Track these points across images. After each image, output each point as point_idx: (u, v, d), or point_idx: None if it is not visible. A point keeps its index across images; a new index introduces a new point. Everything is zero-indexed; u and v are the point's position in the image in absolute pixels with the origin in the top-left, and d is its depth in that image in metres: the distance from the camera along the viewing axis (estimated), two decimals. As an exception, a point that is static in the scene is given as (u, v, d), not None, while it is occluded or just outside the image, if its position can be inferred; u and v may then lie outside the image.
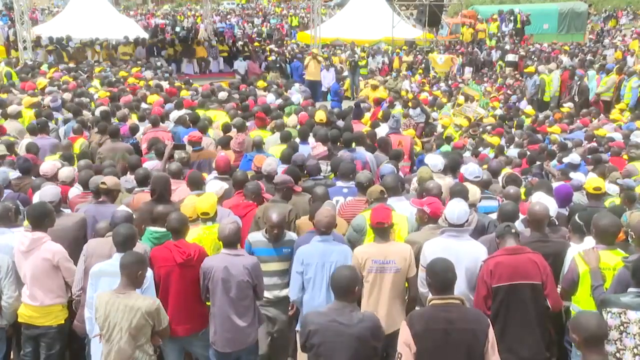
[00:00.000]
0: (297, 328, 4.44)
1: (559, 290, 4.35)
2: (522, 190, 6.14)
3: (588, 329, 3.20)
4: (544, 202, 4.92)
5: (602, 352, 3.27)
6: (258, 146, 7.56)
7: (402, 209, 5.40)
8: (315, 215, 4.73)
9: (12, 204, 5.15)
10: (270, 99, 11.71)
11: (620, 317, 3.66)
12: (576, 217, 4.77)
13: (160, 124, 9.10)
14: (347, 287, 3.71)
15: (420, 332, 3.45)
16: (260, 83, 14.66)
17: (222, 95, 11.89)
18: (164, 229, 4.81)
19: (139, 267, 3.98)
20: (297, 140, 8.05)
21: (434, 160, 6.85)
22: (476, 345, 3.45)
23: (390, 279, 4.46)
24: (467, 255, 4.41)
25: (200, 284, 4.54)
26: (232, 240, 4.53)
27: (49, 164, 6.57)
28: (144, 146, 8.38)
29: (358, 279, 3.85)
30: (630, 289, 3.75)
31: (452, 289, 3.57)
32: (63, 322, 4.81)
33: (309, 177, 6.52)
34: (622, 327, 3.65)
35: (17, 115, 9.37)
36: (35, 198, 5.54)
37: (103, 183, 5.58)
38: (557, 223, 5.04)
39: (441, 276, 3.55)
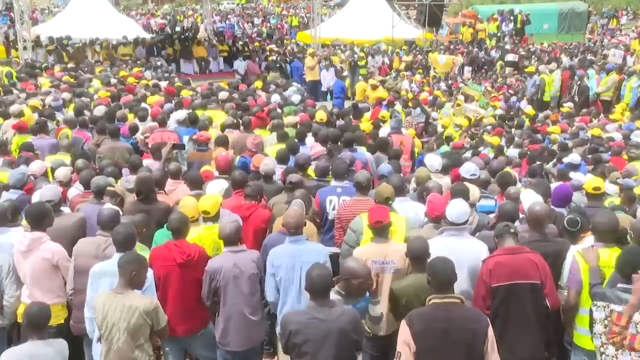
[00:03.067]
0: (277, 329, 4.40)
1: (563, 293, 4.35)
2: (523, 189, 6.15)
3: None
4: (531, 199, 4.93)
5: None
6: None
7: (407, 210, 5.40)
8: (284, 216, 4.71)
9: (10, 204, 5.16)
10: (275, 99, 11.73)
11: (604, 310, 3.70)
12: (565, 223, 4.77)
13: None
14: (322, 287, 3.73)
15: (420, 331, 3.45)
16: (258, 83, 14.66)
17: (223, 95, 11.89)
18: None
19: (133, 267, 3.97)
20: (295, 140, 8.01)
21: (432, 160, 6.86)
22: (476, 345, 3.45)
23: (390, 278, 4.46)
24: (469, 253, 4.42)
25: (202, 286, 4.51)
26: (233, 239, 4.55)
27: (38, 163, 6.61)
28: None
29: (330, 276, 3.84)
30: (619, 285, 3.78)
31: (452, 288, 3.57)
32: (62, 322, 4.80)
33: (315, 175, 6.50)
34: (606, 321, 3.68)
35: (19, 115, 9.38)
36: (35, 197, 5.55)
37: (111, 186, 5.61)
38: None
39: (441, 275, 3.55)
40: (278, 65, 20.46)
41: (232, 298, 4.46)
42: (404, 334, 3.49)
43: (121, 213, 5.19)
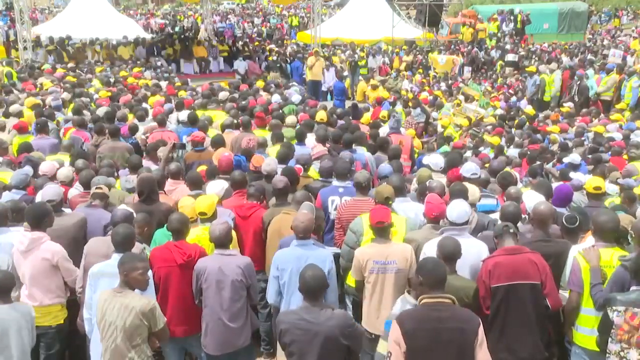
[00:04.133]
0: None
1: (564, 294, 4.34)
2: (525, 189, 6.16)
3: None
4: (534, 199, 4.93)
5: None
6: (261, 146, 7.58)
7: (406, 210, 5.39)
8: (293, 220, 4.65)
9: (12, 204, 5.15)
10: (276, 99, 11.73)
11: (624, 315, 3.65)
12: (563, 220, 4.77)
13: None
14: (313, 288, 3.71)
15: (410, 330, 3.45)
16: (259, 83, 14.66)
17: (223, 95, 11.89)
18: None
19: (130, 267, 3.95)
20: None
21: (437, 159, 6.86)
22: (466, 344, 3.44)
23: (392, 279, 4.45)
24: (469, 252, 4.40)
25: (193, 285, 4.51)
26: (223, 241, 4.52)
27: (48, 163, 6.60)
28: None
29: (324, 278, 3.82)
30: (634, 287, 3.75)
31: (443, 287, 3.57)
32: (62, 322, 4.81)
33: (320, 176, 6.49)
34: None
35: (19, 115, 9.37)
36: (39, 197, 5.54)
37: (99, 188, 5.60)
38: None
39: (432, 274, 3.55)
40: (278, 65, 20.42)
41: (213, 301, 4.43)
42: (395, 334, 3.49)
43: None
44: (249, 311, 4.63)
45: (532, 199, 5.01)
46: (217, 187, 5.88)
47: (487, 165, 7.82)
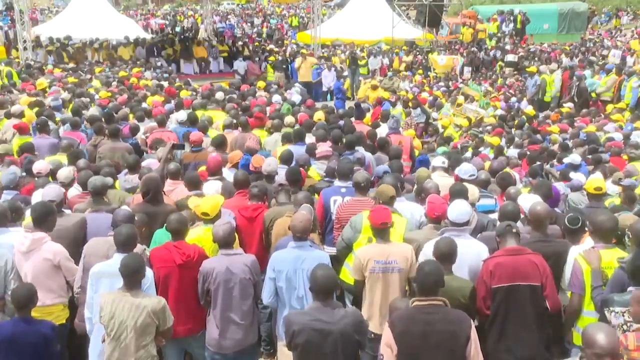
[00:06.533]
0: (280, 329, 4.40)
1: (564, 295, 4.34)
2: (526, 190, 6.16)
3: None
4: (530, 200, 4.93)
5: None
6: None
7: (402, 210, 5.39)
8: (291, 220, 4.64)
9: (11, 203, 5.15)
10: (276, 99, 11.72)
11: (623, 315, 3.66)
12: (566, 221, 4.76)
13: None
14: (326, 288, 3.73)
15: (400, 333, 3.47)
16: (261, 83, 14.66)
17: (219, 95, 11.87)
18: None
19: (136, 268, 3.98)
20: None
21: (442, 158, 6.90)
22: (457, 346, 3.46)
23: (393, 279, 4.46)
24: (470, 253, 4.41)
25: (198, 287, 4.51)
26: (228, 241, 4.53)
27: (41, 162, 6.60)
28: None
29: (335, 278, 3.84)
30: (631, 288, 3.75)
31: (436, 292, 3.57)
32: (64, 321, 4.81)
33: (325, 176, 6.47)
34: (625, 326, 3.65)
35: (20, 116, 9.37)
36: (37, 196, 5.53)
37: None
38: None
39: (426, 278, 3.57)
40: (284, 66, 20.35)
41: (223, 301, 4.44)
42: (387, 336, 3.51)
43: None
44: (255, 309, 4.66)
45: (528, 201, 5.00)
46: (212, 188, 5.85)
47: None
